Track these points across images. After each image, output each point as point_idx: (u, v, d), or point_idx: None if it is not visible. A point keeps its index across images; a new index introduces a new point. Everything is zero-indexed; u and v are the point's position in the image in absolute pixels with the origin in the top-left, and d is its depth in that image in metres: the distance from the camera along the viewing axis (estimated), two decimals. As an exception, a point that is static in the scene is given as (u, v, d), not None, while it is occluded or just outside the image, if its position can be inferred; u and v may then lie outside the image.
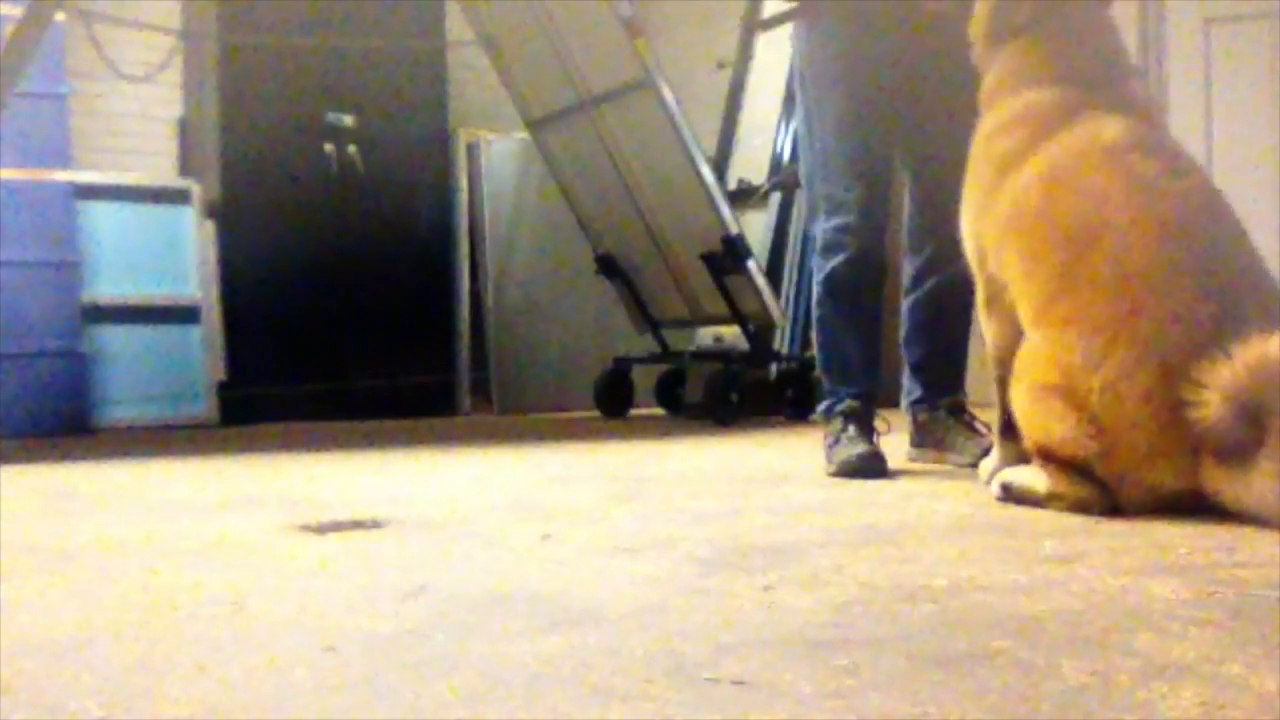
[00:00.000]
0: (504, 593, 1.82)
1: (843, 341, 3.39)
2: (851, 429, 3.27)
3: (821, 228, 3.38)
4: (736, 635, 1.52)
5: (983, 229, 2.78)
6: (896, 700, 1.24)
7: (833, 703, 1.23)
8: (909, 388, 3.52)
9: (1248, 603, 1.64)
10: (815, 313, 3.47)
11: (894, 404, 3.56)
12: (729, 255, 5.45)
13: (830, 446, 3.28)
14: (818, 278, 3.41)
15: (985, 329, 2.87)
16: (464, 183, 6.92)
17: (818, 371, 3.53)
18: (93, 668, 1.43)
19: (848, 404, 3.32)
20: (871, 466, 3.16)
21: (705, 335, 6.20)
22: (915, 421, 3.51)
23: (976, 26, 2.89)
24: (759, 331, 5.69)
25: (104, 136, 6.15)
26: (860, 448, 3.20)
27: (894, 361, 3.56)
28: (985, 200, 2.76)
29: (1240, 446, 2.21)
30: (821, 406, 3.44)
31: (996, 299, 2.76)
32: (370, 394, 6.48)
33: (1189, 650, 1.39)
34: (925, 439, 3.48)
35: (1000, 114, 2.77)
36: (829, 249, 3.36)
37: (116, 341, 5.85)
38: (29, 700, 1.31)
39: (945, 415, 3.45)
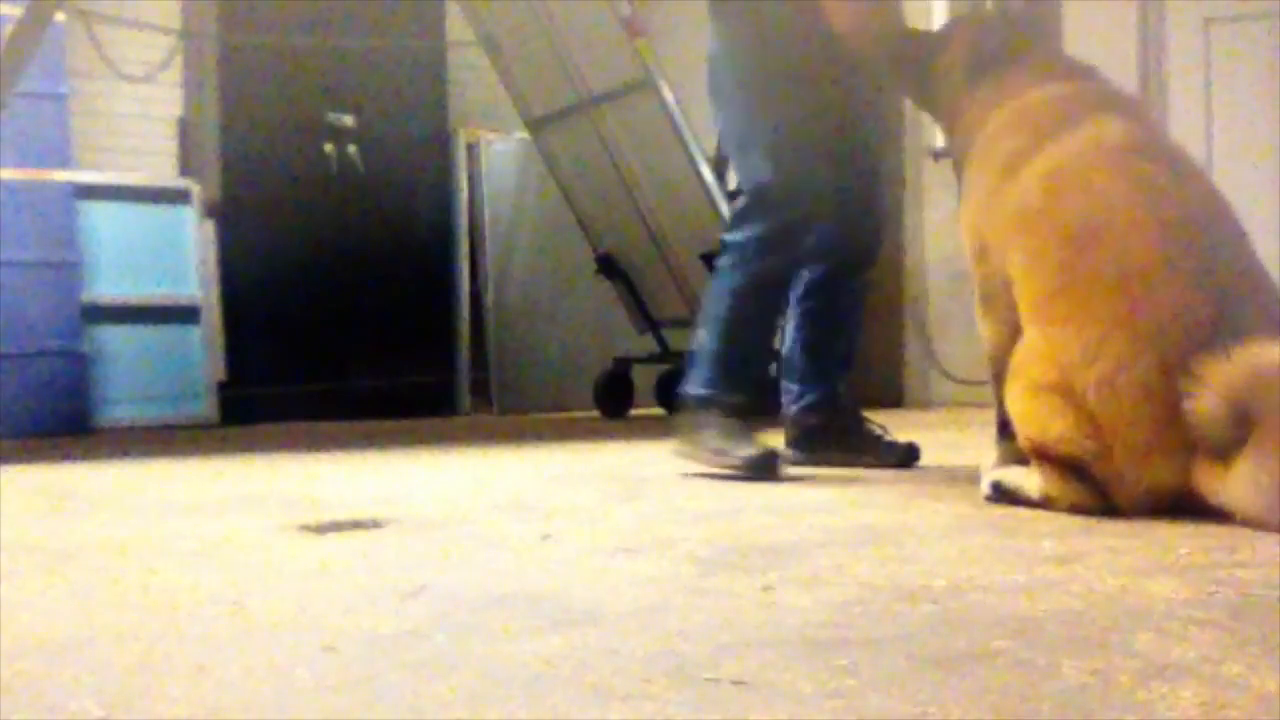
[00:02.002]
0: (504, 593, 1.82)
1: (757, 338, 3.34)
2: (742, 426, 3.20)
3: (769, 226, 3.25)
4: (736, 635, 1.52)
5: (985, 226, 2.78)
6: (896, 700, 1.24)
7: (833, 703, 1.23)
8: (800, 391, 3.44)
9: (1248, 603, 1.64)
10: (726, 302, 3.28)
11: (896, 404, 3.56)
12: (729, 255, 5.44)
13: (722, 443, 3.15)
14: (746, 270, 3.26)
15: (982, 328, 2.86)
16: (464, 183, 6.92)
17: (697, 348, 3.33)
18: (93, 668, 1.43)
19: (740, 399, 3.24)
20: (779, 467, 3.13)
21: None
22: (807, 425, 3.44)
23: (953, 60, 2.94)
24: (759, 331, 5.68)
25: (104, 136, 6.14)
26: (758, 447, 3.15)
27: (898, 360, 3.57)
28: (989, 199, 2.77)
29: (1226, 446, 2.22)
30: (697, 392, 3.27)
31: (995, 298, 2.76)
32: (370, 394, 6.48)
33: (1189, 650, 1.39)
34: (821, 442, 3.41)
35: (1004, 114, 2.79)
36: (776, 246, 3.26)
37: (116, 341, 5.85)
38: (29, 700, 1.31)
39: (849, 418, 3.39)
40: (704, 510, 2.65)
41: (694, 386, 3.29)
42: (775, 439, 3.33)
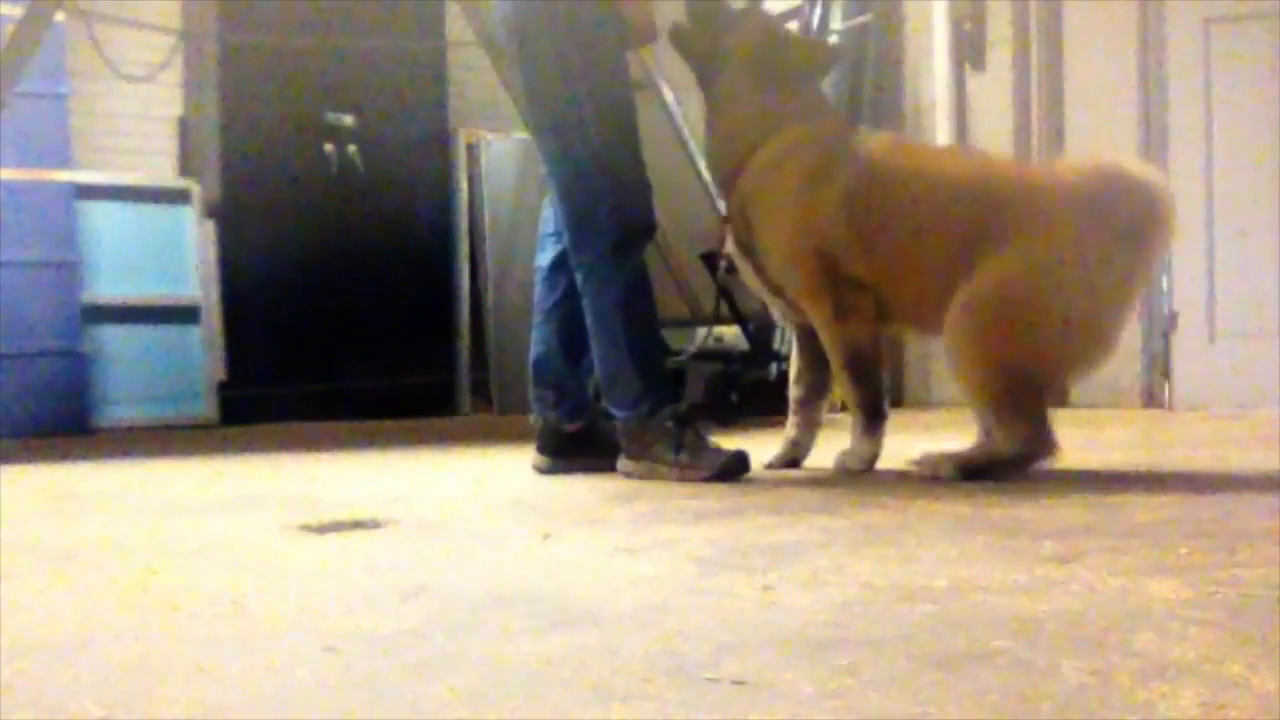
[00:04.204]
0: (504, 593, 1.82)
1: (657, 340, 3.30)
2: (696, 431, 3.18)
3: (621, 218, 3.16)
4: (736, 635, 1.52)
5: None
6: (896, 700, 1.24)
7: (833, 703, 1.24)
8: (557, 397, 3.37)
9: (1248, 603, 1.64)
10: (618, 314, 3.16)
11: (896, 404, 3.55)
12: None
13: (687, 455, 3.12)
14: (616, 284, 3.15)
15: (843, 334, 3.14)
16: (464, 183, 6.92)
17: (609, 375, 3.20)
18: (93, 668, 1.43)
19: (676, 404, 3.24)
20: (746, 463, 3.13)
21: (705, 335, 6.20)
22: (566, 432, 3.39)
23: (743, 51, 3.23)
24: (759, 331, 5.69)
25: (104, 136, 6.14)
26: (720, 448, 3.14)
27: (898, 360, 3.56)
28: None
29: None
30: (632, 414, 3.17)
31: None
32: (370, 394, 6.47)
33: (1189, 650, 1.39)
34: (577, 448, 3.37)
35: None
36: (635, 240, 3.19)
37: (116, 341, 5.85)
38: (29, 700, 1.31)
39: (600, 419, 3.28)
40: (704, 510, 2.65)
41: (625, 409, 3.20)
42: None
